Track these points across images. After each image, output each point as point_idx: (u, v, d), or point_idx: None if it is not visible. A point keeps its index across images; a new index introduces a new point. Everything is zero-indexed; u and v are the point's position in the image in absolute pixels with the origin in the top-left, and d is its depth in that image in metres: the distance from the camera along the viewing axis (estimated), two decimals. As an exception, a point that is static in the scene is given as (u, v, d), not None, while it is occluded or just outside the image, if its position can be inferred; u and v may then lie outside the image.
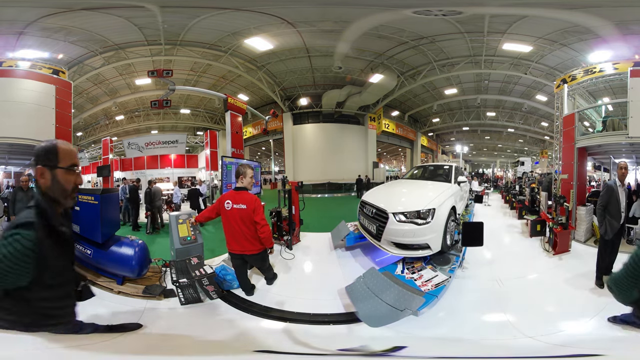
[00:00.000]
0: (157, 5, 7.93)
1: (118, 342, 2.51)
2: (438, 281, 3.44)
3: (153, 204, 7.38)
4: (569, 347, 2.49)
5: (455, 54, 11.75)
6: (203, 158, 15.73)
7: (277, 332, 2.87)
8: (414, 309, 2.86)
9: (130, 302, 3.40)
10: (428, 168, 6.19)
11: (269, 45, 10.78)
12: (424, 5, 8.04)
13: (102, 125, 18.29)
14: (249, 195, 3.38)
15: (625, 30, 7.94)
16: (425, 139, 23.41)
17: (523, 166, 20.04)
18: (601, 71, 7.30)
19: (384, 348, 1.59)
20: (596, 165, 10.42)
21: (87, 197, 3.99)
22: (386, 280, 3.31)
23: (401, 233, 3.67)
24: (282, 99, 16.38)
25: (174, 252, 4.59)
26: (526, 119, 18.83)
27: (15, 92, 5.73)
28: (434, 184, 4.97)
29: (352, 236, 5.26)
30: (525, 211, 7.96)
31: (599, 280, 3.81)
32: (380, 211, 3.95)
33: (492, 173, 26.26)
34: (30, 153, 6.34)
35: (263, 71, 13.41)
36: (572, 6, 7.62)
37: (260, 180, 7.61)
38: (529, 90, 14.88)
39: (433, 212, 3.69)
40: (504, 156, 31.42)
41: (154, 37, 9.91)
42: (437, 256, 3.99)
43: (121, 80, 13.75)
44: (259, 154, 30.29)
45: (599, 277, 3.84)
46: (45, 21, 7.93)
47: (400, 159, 33.39)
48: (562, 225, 5.01)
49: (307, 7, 8.50)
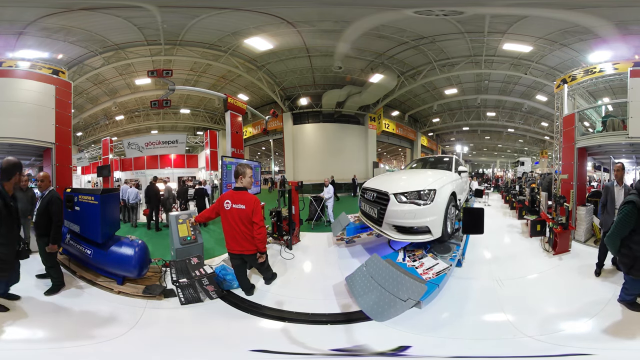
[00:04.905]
0: (156, 5, 7.92)
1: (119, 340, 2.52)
2: (439, 269, 3.46)
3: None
4: (568, 347, 2.49)
5: (456, 54, 11.73)
6: (203, 158, 15.73)
7: (276, 331, 2.87)
8: (416, 298, 2.86)
9: (130, 302, 3.40)
10: (429, 160, 6.22)
11: (269, 45, 10.77)
12: (425, 5, 8.04)
13: (102, 125, 18.26)
14: (249, 196, 3.38)
15: (625, 30, 7.93)
16: (425, 139, 23.39)
17: (523, 166, 20.03)
18: (601, 71, 7.29)
19: (387, 349, 1.59)
20: (596, 166, 10.41)
21: (87, 197, 3.99)
22: (388, 267, 3.32)
23: (402, 214, 3.67)
24: (282, 99, 16.37)
25: (174, 252, 4.60)
26: (526, 119, 18.82)
27: (15, 92, 5.71)
28: (435, 171, 5.03)
29: (353, 227, 5.33)
30: (525, 211, 7.95)
31: (598, 269, 3.98)
32: (381, 194, 3.96)
33: (492, 173, 26.27)
34: (30, 153, 6.34)
35: (263, 71, 13.39)
36: (572, 6, 7.62)
37: (260, 180, 7.61)
38: (529, 91, 14.86)
39: (434, 193, 3.70)
40: (504, 156, 31.39)
41: (153, 37, 9.89)
42: (437, 244, 4.01)
43: (121, 80, 13.72)
44: (259, 154, 30.26)
45: (599, 267, 3.99)
46: (45, 21, 7.92)
47: (400, 159, 33.34)
48: (562, 225, 5.00)
49: (307, 7, 8.49)
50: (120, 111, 17.30)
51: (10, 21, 7.66)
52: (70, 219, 4.21)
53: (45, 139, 5.78)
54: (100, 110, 16.50)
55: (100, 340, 2.63)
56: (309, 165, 17.62)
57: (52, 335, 2.74)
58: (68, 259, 4.32)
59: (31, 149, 5.92)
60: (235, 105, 7.06)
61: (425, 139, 23.39)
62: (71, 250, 4.24)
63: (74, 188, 4.80)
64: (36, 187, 4.68)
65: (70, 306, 3.25)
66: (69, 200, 4.20)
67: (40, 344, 2.62)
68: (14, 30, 7.88)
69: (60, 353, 2.49)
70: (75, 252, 4.17)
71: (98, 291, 3.66)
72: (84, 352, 2.49)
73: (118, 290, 3.58)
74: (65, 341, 2.62)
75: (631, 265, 2.80)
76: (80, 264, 4.17)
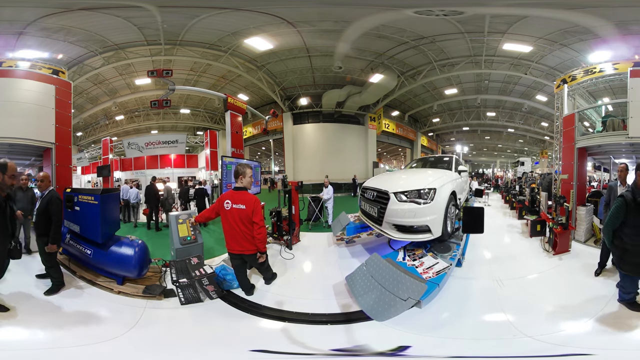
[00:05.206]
0: (156, 5, 7.92)
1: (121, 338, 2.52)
2: (439, 268, 3.46)
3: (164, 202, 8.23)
4: (568, 347, 2.49)
5: (456, 54, 11.73)
6: (203, 158, 15.74)
7: (276, 331, 2.87)
8: (417, 297, 2.86)
9: (130, 302, 3.40)
10: (428, 159, 6.22)
11: (269, 45, 10.77)
12: (425, 5, 8.03)
13: (102, 125, 18.26)
14: (249, 196, 3.38)
15: (625, 30, 7.93)
16: (425, 139, 23.39)
17: (523, 166, 20.03)
18: (601, 71, 7.29)
19: (386, 348, 1.59)
20: (596, 166, 10.42)
21: (87, 197, 3.98)
22: (388, 266, 3.32)
23: (402, 213, 3.67)
24: (282, 99, 16.37)
25: (174, 252, 4.60)
26: (526, 119, 18.81)
27: (15, 92, 5.71)
28: (435, 170, 5.04)
29: (353, 226, 5.34)
30: (525, 211, 7.95)
31: (600, 269, 3.98)
32: (382, 193, 3.96)
33: (492, 173, 26.27)
34: (30, 153, 6.34)
35: (263, 71, 13.39)
36: (572, 6, 7.61)
37: (260, 180, 7.61)
38: (529, 91, 14.86)
39: (434, 192, 3.70)
40: (504, 156, 31.38)
41: (153, 37, 9.89)
42: (437, 244, 4.01)
43: (121, 80, 13.72)
44: (259, 154, 30.26)
45: (600, 267, 4.00)
46: (45, 21, 7.92)
47: (400, 159, 33.34)
48: (562, 225, 5.00)
49: (307, 7, 8.48)
50: (120, 111, 17.30)
51: (10, 21, 7.66)
52: (70, 219, 4.21)
53: (45, 139, 5.78)
54: (100, 110, 16.50)
55: (100, 340, 2.63)
56: (309, 165, 17.63)
57: (52, 336, 2.73)
58: (68, 259, 4.31)
59: (31, 149, 5.92)
60: (235, 105, 7.06)
61: (425, 139, 23.39)
62: (71, 250, 4.24)
63: (73, 188, 4.79)
64: (36, 187, 4.68)
65: (70, 306, 3.25)
66: (68, 200, 4.20)
67: (40, 344, 2.61)
68: (13, 30, 7.88)
69: (59, 353, 2.48)
70: (75, 252, 4.17)
71: (98, 291, 3.65)
72: (84, 352, 2.49)
73: (118, 290, 3.58)
74: (65, 341, 2.62)
75: (621, 257, 3.02)
76: (80, 264, 4.17)
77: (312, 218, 7.66)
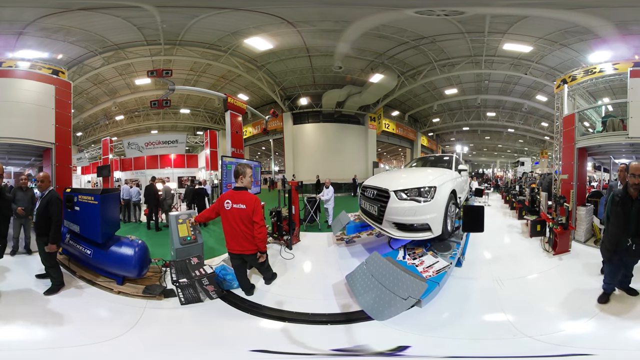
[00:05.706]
0: (155, 5, 7.92)
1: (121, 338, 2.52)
2: (439, 267, 3.46)
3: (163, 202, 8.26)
4: (568, 347, 2.49)
5: (456, 54, 11.74)
6: (203, 158, 15.73)
7: (276, 331, 2.87)
8: (417, 296, 2.86)
9: (130, 302, 3.40)
10: (429, 159, 6.23)
11: (268, 45, 10.77)
12: (426, 5, 8.03)
13: (102, 125, 18.27)
14: (249, 195, 3.38)
15: (625, 30, 7.93)
16: (425, 139, 23.39)
17: (523, 166, 20.02)
18: (601, 71, 7.29)
19: (386, 348, 1.58)
20: (596, 166, 10.41)
21: (87, 197, 3.98)
22: (389, 264, 3.31)
23: (402, 211, 3.66)
24: (282, 99, 16.37)
25: (174, 252, 4.60)
26: (526, 119, 18.82)
27: (15, 92, 5.70)
28: (435, 169, 5.05)
29: (353, 225, 5.35)
30: (525, 211, 7.95)
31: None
32: (382, 191, 3.96)
33: (492, 173, 26.26)
34: (30, 153, 6.34)
35: (263, 71, 13.39)
36: (572, 6, 7.62)
37: (260, 179, 7.61)
38: (529, 91, 14.87)
39: (434, 190, 3.70)
40: (504, 156, 31.38)
41: (153, 37, 9.89)
42: (437, 242, 4.01)
43: (121, 80, 13.73)
44: (259, 154, 30.26)
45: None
46: (45, 21, 7.92)
47: (400, 159, 33.33)
48: (562, 225, 5.00)
49: (307, 7, 8.49)
50: (120, 111, 17.31)
51: (10, 21, 7.66)
52: (70, 219, 4.21)
53: (45, 139, 5.78)
54: (100, 110, 16.51)
55: (100, 340, 2.62)
56: (309, 165, 17.63)
57: (52, 336, 2.73)
58: (68, 259, 4.31)
59: (31, 149, 5.91)
60: (235, 105, 7.06)
61: (425, 139, 23.39)
62: (71, 250, 4.24)
63: (73, 188, 4.79)
64: (36, 187, 4.68)
65: (69, 306, 3.24)
66: (68, 200, 4.20)
67: (40, 344, 2.61)
68: (13, 30, 7.88)
69: (59, 353, 2.48)
70: (75, 252, 4.17)
71: (98, 291, 3.65)
72: (84, 352, 2.49)
73: (118, 290, 3.58)
74: (65, 341, 2.62)
75: (602, 241, 3.38)
76: (80, 264, 4.17)
77: (308, 219, 7.55)
